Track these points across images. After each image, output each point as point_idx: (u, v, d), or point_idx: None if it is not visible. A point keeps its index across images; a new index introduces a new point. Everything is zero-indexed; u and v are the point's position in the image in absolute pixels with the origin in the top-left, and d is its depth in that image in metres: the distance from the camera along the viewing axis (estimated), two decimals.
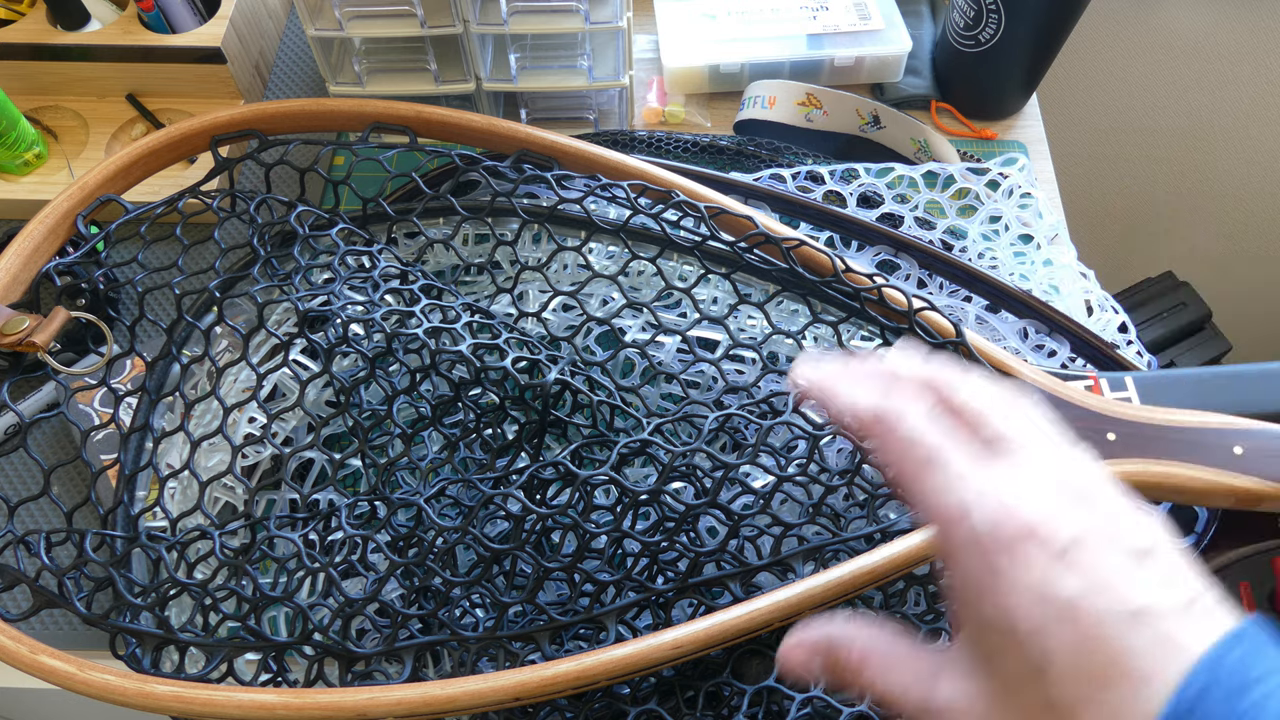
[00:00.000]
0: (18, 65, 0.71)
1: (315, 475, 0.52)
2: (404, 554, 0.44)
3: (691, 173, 0.52)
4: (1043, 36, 0.70)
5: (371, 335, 0.45)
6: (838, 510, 0.43)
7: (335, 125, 0.52)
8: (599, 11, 0.63)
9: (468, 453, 0.48)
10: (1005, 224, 0.59)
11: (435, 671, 0.42)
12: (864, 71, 0.77)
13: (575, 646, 0.42)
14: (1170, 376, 0.45)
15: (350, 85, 0.68)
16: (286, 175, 0.70)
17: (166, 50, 0.69)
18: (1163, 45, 1.02)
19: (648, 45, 0.81)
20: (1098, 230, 1.27)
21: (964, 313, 0.54)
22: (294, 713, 0.36)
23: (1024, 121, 0.78)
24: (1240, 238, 1.25)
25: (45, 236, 0.45)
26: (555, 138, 0.51)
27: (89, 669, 0.38)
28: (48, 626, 0.56)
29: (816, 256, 0.48)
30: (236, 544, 0.44)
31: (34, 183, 0.69)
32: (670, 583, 0.41)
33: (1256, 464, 0.40)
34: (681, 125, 0.76)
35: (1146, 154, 1.16)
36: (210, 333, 0.47)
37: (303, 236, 0.48)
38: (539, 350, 0.46)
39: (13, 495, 0.59)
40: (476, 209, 0.51)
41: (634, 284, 0.56)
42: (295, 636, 0.40)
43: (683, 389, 0.47)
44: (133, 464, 0.48)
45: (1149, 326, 1.08)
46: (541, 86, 0.68)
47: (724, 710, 0.40)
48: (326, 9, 0.63)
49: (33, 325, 0.43)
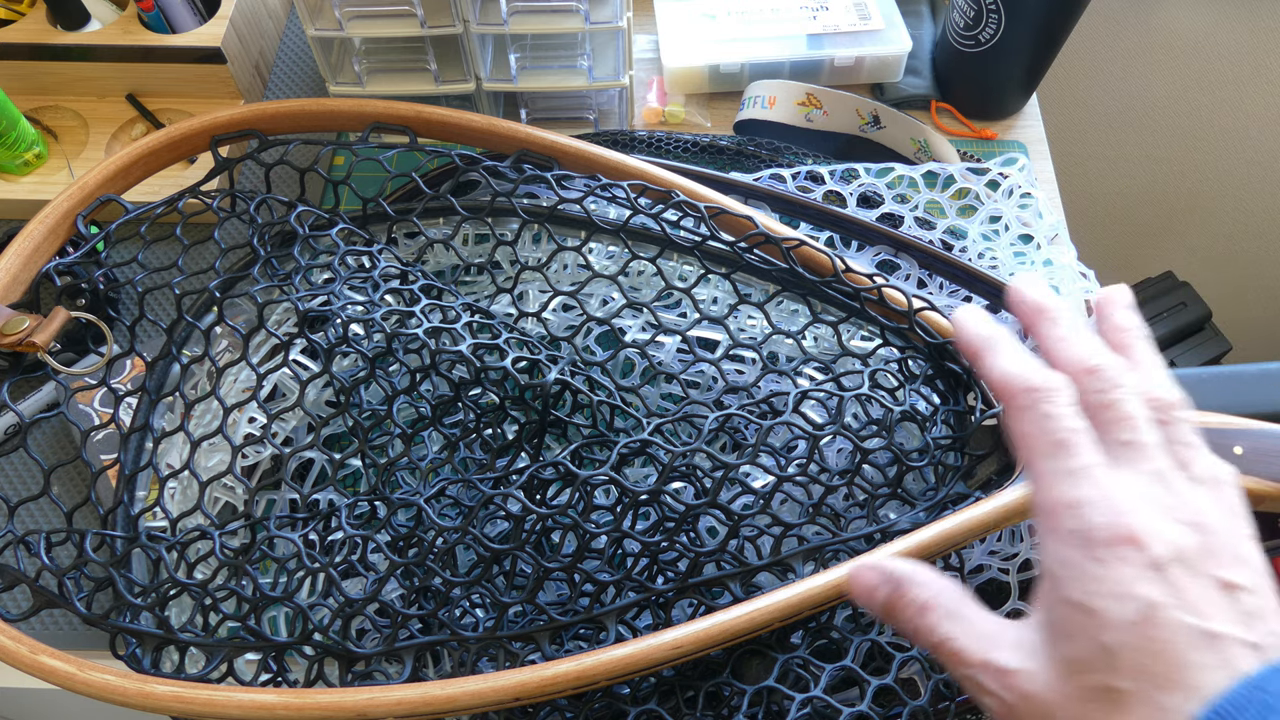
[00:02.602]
0: (18, 65, 0.71)
1: (315, 475, 0.52)
2: (404, 554, 0.44)
3: (691, 173, 0.52)
4: (1043, 36, 0.70)
5: (371, 335, 0.45)
6: (838, 510, 0.43)
7: (335, 125, 0.52)
8: (599, 11, 0.63)
9: (468, 453, 0.48)
10: (1005, 224, 0.59)
11: (435, 671, 0.42)
12: (864, 71, 0.77)
13: (575, 646, 0.42)
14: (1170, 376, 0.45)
15: (350, 85, 0.68)
16: (286, 175, 0.70)
17: (166, 50, 0.69)
18: (1163, 45, 1.02)
19: (648, 45, 0.81)
20: (1098, 230, 1.27)
21: None
22: (294, 713, 0.36)
23: (1024, 121, 0.78)
24: (1240, 238, 1.25)
25: (45, 236, 0.45)
26: (555, 138, 0.51)
27: (89, 669, 0.38)
28: (48, 626, 0.56)
29: (816, 256, 0.48)
30: (236, 544, 0.44)
31: (34, 183, 0.69)
32: (670, 583, 0.41)
33: (1256, 464, 0.40)
34: (681, 125, 0.76)
35: (1146, 154, 1.16)
36: (210, 333, 0.47)
37: (303, 236, 0.48)
38: (539, 350, 0.46)
39: (13, 495, 0.59)
40: (476, 209, 0.51)
41: (634, 284, 0.56)
42: (295, 636, 0.40)
43: (683, 389, 0.47)
44: (133, 464, 0.48)
45: (1149, 326, 1.08)
46: (541, 86, 0.68)
47: (724, 710, 0.40)
48: (326, 9, 0.63)
49: (33, 325, 0.43)
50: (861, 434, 0.42)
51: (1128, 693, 0.26)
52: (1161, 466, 0.29)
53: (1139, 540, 0.27)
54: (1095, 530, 0.27)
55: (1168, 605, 0.26)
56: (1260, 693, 0.25)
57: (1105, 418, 0.30)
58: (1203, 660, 0.26)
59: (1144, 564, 0.27)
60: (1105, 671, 0.26)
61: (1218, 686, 0.25)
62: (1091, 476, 0.28)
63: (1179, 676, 0.25)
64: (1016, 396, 0.31)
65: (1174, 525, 0.28)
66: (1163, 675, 0.26)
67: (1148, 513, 0.28)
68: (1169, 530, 0.27)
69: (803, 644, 0.41)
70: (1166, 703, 0.25)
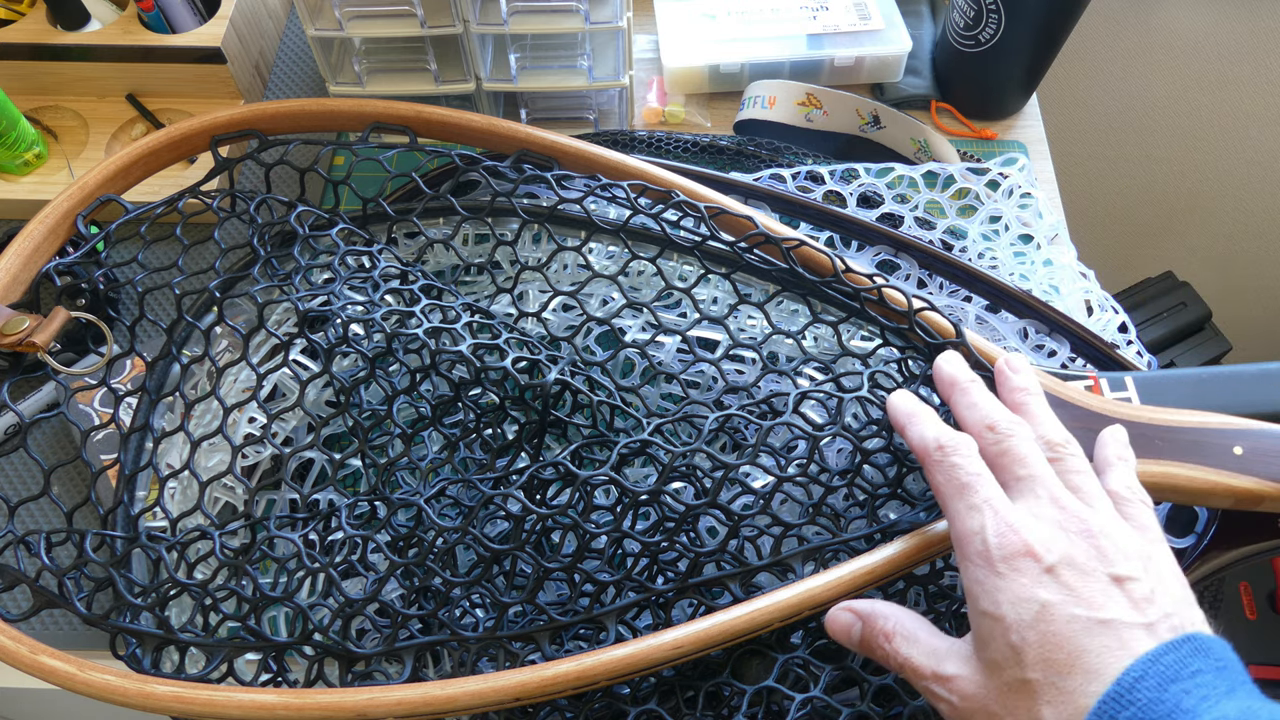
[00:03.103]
0: (18, 65, 0.71)
1: (315, 475, 0.52)
2: (404, 554, 0.44)
3: (691, 173, 0.52)
4: (1043, 36, 0.70)
5: (371, 335, 0.45)
6: (838, 510, 0.43)
7: (335, 125, 0.52)
8: (599, 11, 0.63)
9: (468, 453, 0.48)
10: (1005, 224, 0.59)
11: (435, 671, 0.42)
12: (864, 71, 0.77)
13: (575, 646, 0.42)
14: (1170, 376, 0.45)
15: (350, 85, 0.68)
16: (286, 175, 0.70)
17: (166, 50, 0.69)
18: (1163, 45, 1.02)
19: (648, 45, 0.81)
20: (1098, 230, 1.27)
21: (964, 313, 0.54)
22: (294, 713, 0.36)
23: (1024, 121, 0.78)
24: (1240, 238, 1.25)
25: (45, 236, 0.45)
26: (555, 138, 0.51)
27: (89, 669, 0.38)
28: (48, 626, 0.56)
29: (816, 256, 0.48)
30: (236, 544, 0.44)
31: (34, 183, 0.69)
32: (670, 583, 0.41)
33: (1256, 464, 0.40)
34: (681, 125, 0.76)
35: (1146, 154, 1.16)
36: (210, 333, 0.47)
37: (303, 236, 0.48)
38: (539, 350, 0.46)
39: (13, 495, 0.59)
40: (476, 209, 0.51)
41: (634, 284, 0.56)
42: (295, 636, 0.40)
43: (683, 389, 0.47)
44: (133, 464, 0.48)
45: (1149, 326, 1.08)
46: (541, 86, 0.68)
47: (724, 710, 0.40)
48: (326, 9, 0.63)
49: (33, 325, 0.43)
50: (861, 434, 0.42)
51: (1037, 682, 0.30)
52: (1054, 492, 0.34)
53: (1033, 551, 0.32)
54: (994, 549, 0.33)
55: (1062, 603, 0.31)
56: (1156, 665, 0.29)
57: (1003, 463, 0.36)
58: (1099, 645, 0.30)
59: (1039, 571, 0.32)
60: (1016, 666, 0.31)
61: (1117, 666, 0.29)
62: (992, 507, 0.34)
63: (1079, 662, 0.30)
64: (930, 454, 0.37)
65: (1064, 536, 0.33)
66: (1064, 663, 0.30)
67: (1040, 529, 0.33)
68: (1059, 541, 0.32)
69: (803, 644, 0.41)
70: (1071, 685, 0.29)
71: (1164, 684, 0.28)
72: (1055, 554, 0.32)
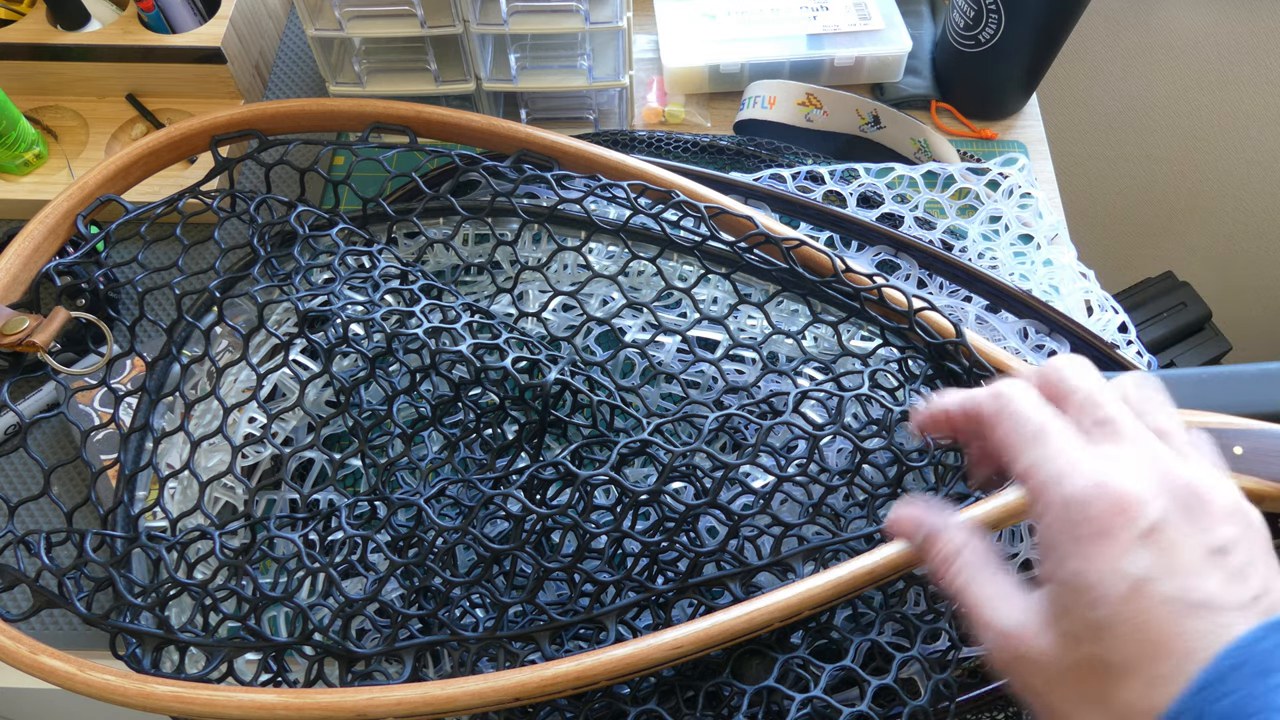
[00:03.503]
0: (18, 65, 0.71)
1: (315, 475, 0.52)
2: (404, 554, 0.44)
3: (691, 173, 0.52)
4: (1043, 36, 0.70)
5: (371, 335, 0.45)
6: (838, 510, 0.43)
7: (335, 125, 0.52)
8: (599, 11, 0.63)
9: (468, 453, 0.48)
10: (1005, 224, 0.59)
11: (435, 671, 0.42)
12: (864, 71, 0.77)
13: (575, 646, 0.42)
14: (1170, 376, 0.45)
15: (350, 85, 0.68)
16: (286, 175, 0.70)
17: (166, 50, 0.69)
18: (1163, 45, 1.02)
19: (648, 45, 0.81)
20: (1098, 230, 1.27)
21: (964, 313, 0.54)
22: (294, 713, 0.36)
23: (1024, 121, 0.78)
24: (1240, 238, 1.25)
25: (45, 236, 0.45)
26: (555, 138, 0.51)
27: (89, 669, 0.38)
28: (48, 626, 0.56)
29: (816, 256, 0.48)
30: (236, 544, 0.44)
31: (34, 183, 0.69)
32: (670, 583, 0.41)
33: (1256, 464, 0.40)
34: (681, 125, 0.76)
35: (1146, 154, 1.16)
36: (210, 333, 0.47)
37: (303, 236, 0.48)
38: (539, 350, 0.46)
39: (13, 495, 0.59)
40: (476, 209, 0.51)
41: (634, 284, 0.56)
42: (295, 636, 0.40)
43: (683, 389, 0.47)
44: (133, 464, 0.48)
45: (1149, 326, 1.08)
46: (541, 86, 0.68)
47: (724, 710, 0.40)
48: (326, 9, 0.63)
49: (33, 325, 0.43)
50: (861, 434, 0.42)
51: (1122, 664, 0.26)
52: (1138, 440, 0.30)
53: (1125, 509, 0.28)
54: (1079, 503, 0.28)
55: (1156, 576, 0.27)
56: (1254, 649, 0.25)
57: (1074, 402, 0.31)
58: (1195, 628, 0.26)
59: (1132, 534, 0.27)
60: (1098, 645, 0.27)
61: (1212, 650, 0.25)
62: (1068, 453, 0.29)
63: (1172, 645, 0.26)
64: (985, 407, 0.32)
65: (1158, 491, 0.28)
66: (1155, 645, 0.26)
67: (1130, 480, 0.28)
68: (1152, 496, 0.28)
69: (803, 644, 0.41)
70: (1161, 671, 0.26)
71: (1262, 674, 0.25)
72: (1152, 513, 0.27)
